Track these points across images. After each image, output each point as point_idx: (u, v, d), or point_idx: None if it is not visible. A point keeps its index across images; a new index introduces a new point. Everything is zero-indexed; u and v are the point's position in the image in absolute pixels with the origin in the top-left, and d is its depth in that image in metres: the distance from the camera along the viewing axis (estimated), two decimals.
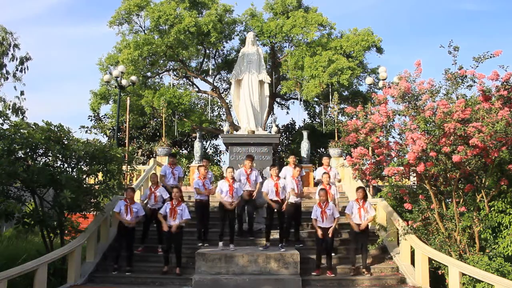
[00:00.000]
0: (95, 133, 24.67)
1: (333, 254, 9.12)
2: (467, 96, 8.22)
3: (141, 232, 9.94)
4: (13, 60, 22.85)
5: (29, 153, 8.57)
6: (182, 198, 9.15)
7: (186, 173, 16.97)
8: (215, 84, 24.90)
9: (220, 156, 27.02)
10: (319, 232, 8.70)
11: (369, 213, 8.93)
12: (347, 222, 9.22)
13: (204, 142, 25.27)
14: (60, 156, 8.72)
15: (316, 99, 20.94)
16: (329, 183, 9.94)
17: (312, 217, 8.92)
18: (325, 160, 11.28)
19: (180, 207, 8.76)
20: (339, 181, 11.75)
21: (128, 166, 11.66)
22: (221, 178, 13.57)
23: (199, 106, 24.84)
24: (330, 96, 18.18)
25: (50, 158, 8.93)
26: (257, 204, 10.60)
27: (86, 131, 24.54)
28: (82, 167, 9.35)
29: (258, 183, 10.19)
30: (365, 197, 9.08)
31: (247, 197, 10.08)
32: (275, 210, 9.40)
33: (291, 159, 10.98)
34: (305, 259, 8.95)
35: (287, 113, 31.47)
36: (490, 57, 7.92)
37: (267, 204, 9.63)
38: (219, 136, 19.18)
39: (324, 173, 10.20)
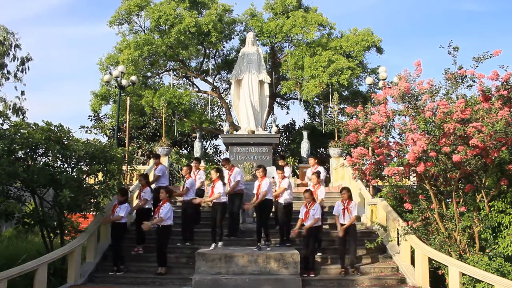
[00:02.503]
0: (95, 133, 24.66)
1: (319, 254, 9.19)
2: (467, 96, 8.22)
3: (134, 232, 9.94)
4: (14, 60, 22.92)
5: (29, 153, 8.57)
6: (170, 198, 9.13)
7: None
8: (215, 84, 24.92)
9: (220, 156, 27.03)
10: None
11: (352, 213, 8.81)
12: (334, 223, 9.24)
13: (204, 142, 25.27)
14: (60, 156, 8.72)
15: (316, 99, 20.95)
16: (319, 183, 9.89)
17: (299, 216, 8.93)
18: (310, 160, 11.09)
19: (163, 207, 8.74)
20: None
21: (128, 166, 11.65)
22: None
23: (199, 106, 24.85)
24: (330, 96, 18.18)
25: (50, 158, 8.93)
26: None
27: (86, 131, 24.54)
28: (82, 167, 9.34)
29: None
30: (350, 198, 9.00)
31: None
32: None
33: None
34: None
35: (287, 113, 31.51)
36: (490, 57, 7.93)
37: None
38: (219, 136, 19.19)
39: (313, 173, 10.17)
